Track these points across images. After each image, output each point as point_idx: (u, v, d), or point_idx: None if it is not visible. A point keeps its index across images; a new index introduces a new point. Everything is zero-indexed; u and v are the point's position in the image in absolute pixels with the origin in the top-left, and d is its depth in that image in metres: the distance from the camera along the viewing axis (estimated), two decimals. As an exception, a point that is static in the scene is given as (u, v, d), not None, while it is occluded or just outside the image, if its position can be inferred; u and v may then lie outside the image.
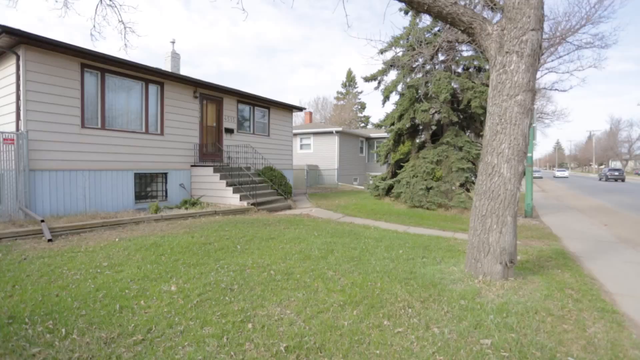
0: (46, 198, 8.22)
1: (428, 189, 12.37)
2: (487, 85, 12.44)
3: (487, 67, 13.48)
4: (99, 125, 9.16)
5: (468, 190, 13.09)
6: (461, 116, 13.93)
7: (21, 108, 7.97)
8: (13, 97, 8.16)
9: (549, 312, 3.37)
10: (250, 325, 2.98)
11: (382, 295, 3.75)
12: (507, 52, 3.97)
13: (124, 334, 2.77)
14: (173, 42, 14.11)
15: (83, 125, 8.81)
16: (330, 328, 2.99)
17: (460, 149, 12.82)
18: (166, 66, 13.77)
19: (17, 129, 8.09)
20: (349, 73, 53.15)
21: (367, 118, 53.03)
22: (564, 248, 6.47)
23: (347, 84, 53.31)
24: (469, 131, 14.79)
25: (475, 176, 13.71)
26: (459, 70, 14.42)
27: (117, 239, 5.78)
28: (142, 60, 10.10)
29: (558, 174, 52.04)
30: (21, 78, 7.93)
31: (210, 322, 2.99)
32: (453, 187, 12.45)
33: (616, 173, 37.10)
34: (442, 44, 8.27)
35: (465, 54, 14.13)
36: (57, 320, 2.94)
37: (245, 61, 79.25)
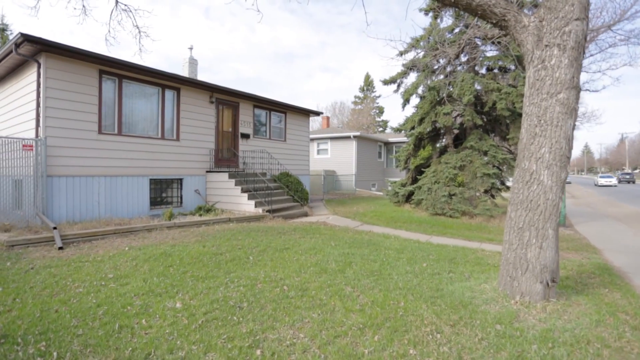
0: (63, 204, 8.22)
1: (451, 195, 11.82)
2: (514, 87, 11.83)
3: (512, 67, 12.86)
4: (116, 131, 9.15)
5: (493, 196, 12.47)
6: (485, 119, 13.33)
7: (40, 115, 8.02)
8: (34, 105, 8.24)
9: (604, 343, 2.90)
10: (258, 352, 2.66)
11: (407, 317, 3.37)
12: (546, 46, 3.54)
13: (119, 359, 2.50)
14: (191, 48, 14.16)
15: (100, 131, 8.81)
16: (348, 357, 2.64)
17: (485, 153, 12.22)
18: (184, 72, 13.82)
19: (37, 135, 8.15)
20: (367, 77, 52.74)
21: (385, 122, 52.37)
22: (607, 262, 5.88)
23: (365, 88, 52.89)
24: (493, 134, 14.13)
25: (502, 182, 13.10)
26: (483, 71, 13.84)
27: (127, 248, 5.60)
28: (161, 68, 10.11)
29: (602, 181, 38.71)
30: (41, 85, 7.99)
31: (214, 347, 2.69)
32: (477, 194, 11.86)
33: (627, 176, 46.44)
34: (468, 41, 7.78)
35: (489, 54, 13.56)
36: (51, 340, 2.71)
37: (262, 67, 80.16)
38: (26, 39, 7.44)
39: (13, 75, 9.44)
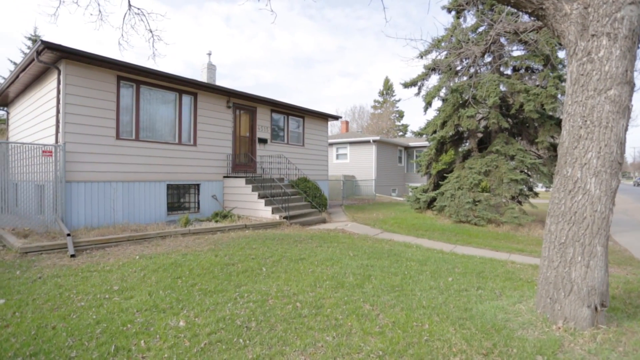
0: (81, 209, 8.24)
1: (475, 202, 11.23)
2: (543, 87, 11.18)
3: (541, 67, 12.19)
4: (134, 137, 9.16)
5: (520, 203, 11.78)
6: (511, 122, 12.68)
7: (60, 121, 8.10)
8: (55, 111, 8.34)
9: (674, 386, 2.44)
10: (264, 384, 2.36)
11: (432, 343, 2.99)
12: (593, 36, 3.12)
13: (111, 388, 2.26)
14: (209, 54, 14.19)
15: (118, 137, 8.82)
16: (366, 393, 2.30)
17: (512, 157, 11.58)
18: (202, 77, 13.84)
19: (57, 141, 8.24)
20: (386, 81, 52.12)
21: (405, 127, 51.53)
22: (657, 279, 5.26)
23: (384, 92, 52.27)
24: (519, 138, 13.42)
25: (529, 188, 12.37)
26: (508, 72, 13.21)
27: (137, 257, 5.44)
28: (182, 74, 10.06)
29: None
30: (61, 92, 8.06)
31: (215, 376, 2.42)
32: (504, 200, 11.21)
33: None
34: (495, 37, 7.22)
35: (515, 53, 12.93)
36: (42, 363, 2.50)
37: (282, 73, 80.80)
38: (47, 46, 7.53)
39: (37, 82, 9.65)
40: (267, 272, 4.85)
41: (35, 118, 9.76)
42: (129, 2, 5.79)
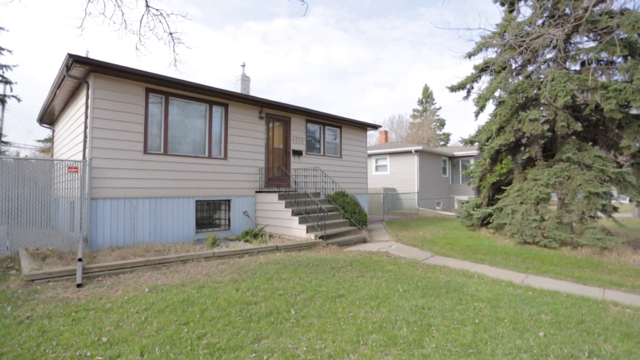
0: (107, 227, 7.81)
1: (543, 220, 9.55)
2: (629, 82, 9.36)
3: (618, 60, 10.38)
4: (162, 151, 8.69)
5: (593, 218, 9.76)
6: (581, 125, 10.85)
7: (88, 136, 7.80)
8: (83, 127, 8.09)
9: None
10: None
11: None
12: None
13: None
14: (243, 66, 13.79)
15: (145, 151, 8.39)
16: None
17: (589, 167, 9.77)
18: (236, 89, 13.43)
19: (84, 156, 7.93)
20: (426, 89, 50.12)
21: (447, 135, 49.02)
22: None
23: (424, 100, 50.23)
24: (590, 143, 11.49)
25: (610, 203, 10.38)
26: (576, 67, 11.44)
27: (147, 289, 4.66)
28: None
29: None
30: (89, 107, 7.77)
31: None
32: (578, 218, 9.39)
33: None
34: (584, 13, 5.63)
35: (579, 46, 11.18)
36: None
37: (317, 86, 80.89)
38: (75, 59, 7.26)
39: (72, 99, 9.60)
40: (296, 317, 3.84)
41: (71, 134, 9.67)
42: (146, 2, 5.23)
